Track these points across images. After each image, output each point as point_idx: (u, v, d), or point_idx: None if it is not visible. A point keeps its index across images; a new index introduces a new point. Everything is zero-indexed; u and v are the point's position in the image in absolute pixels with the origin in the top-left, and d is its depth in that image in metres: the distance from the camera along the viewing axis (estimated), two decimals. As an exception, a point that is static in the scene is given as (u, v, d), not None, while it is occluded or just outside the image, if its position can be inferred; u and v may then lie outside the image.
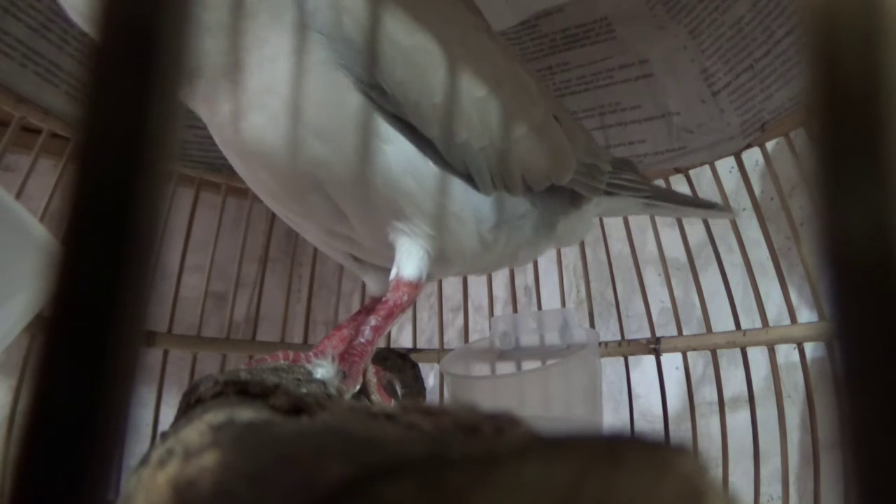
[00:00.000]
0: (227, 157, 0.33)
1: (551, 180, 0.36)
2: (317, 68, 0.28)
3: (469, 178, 0.33)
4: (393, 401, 0.34)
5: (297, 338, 0.69)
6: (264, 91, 0.28)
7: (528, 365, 0.56)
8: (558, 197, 0.39)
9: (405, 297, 0.32)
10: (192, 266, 0.57)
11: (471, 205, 0.33)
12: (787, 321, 0.46)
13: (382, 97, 0.29)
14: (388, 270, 0.33)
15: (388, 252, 0.33)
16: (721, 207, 0.49)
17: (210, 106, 0.30)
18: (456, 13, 0.34)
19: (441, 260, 0.34)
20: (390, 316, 0.32)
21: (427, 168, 0.31)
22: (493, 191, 0.34)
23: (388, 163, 0.30)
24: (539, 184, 0.36)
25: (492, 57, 0.34)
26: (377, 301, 0.33)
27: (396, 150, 0.30)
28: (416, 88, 0.29)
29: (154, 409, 0.53)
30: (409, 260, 0.32)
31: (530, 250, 0.40)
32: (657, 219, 0.55)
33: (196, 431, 0.17)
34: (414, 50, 0.29)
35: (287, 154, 0.30)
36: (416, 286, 0.32)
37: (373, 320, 0.32)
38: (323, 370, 0.28)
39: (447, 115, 0.31)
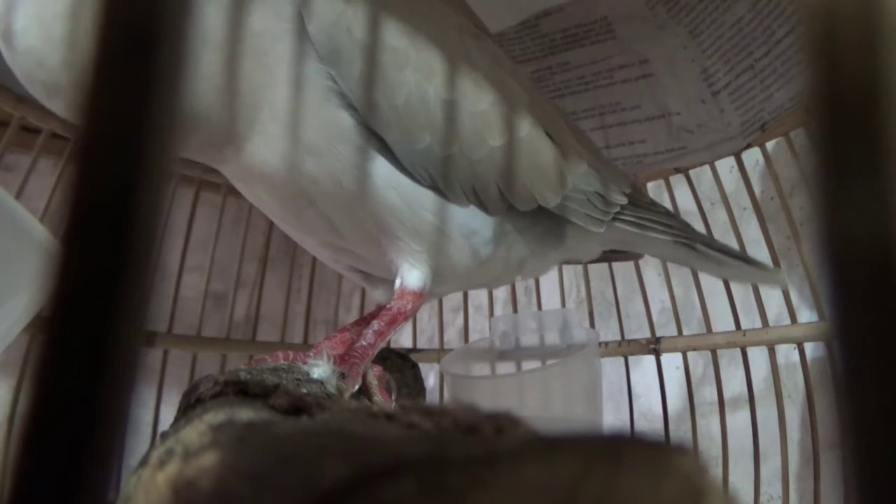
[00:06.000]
0: (228, 176, 0.34)
1: (537, 201, 0.34)
2: (309, 83, 0.28)
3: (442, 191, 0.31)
4: (393, 402, 0.34)
5: (297, 338, 0.69)
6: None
7: (528, 365, 0.56)
8: (557, 219, 0.36)
9: (409, 306, 0.32)
10: (192, 266, 0.58)
11: (457, 220, 0.32)
12: (787, 321, 0.46)
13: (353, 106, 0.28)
14: (393, 281, 0.33)
15: (389, 264, 0.33)
16: (768, 268, 0.44)
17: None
18: (437, 13, 0.32)
19: (435, 276, 0.33)
20: (393, 322, 0.32)
21: (410, 184, 0.30)
22: (466, 203, 0.32)
23: (372, 178, 0.30)
24: (522, 202, 0.33)
25: (471, 62, 0.32)
26: (382, 308, 0.33)
27: (380, 166, 0.30)
28: (375, 88, 0.28)
29: (154, 409, 0.53)
30: (412, 270, 0.32)
31: (538, 262, 0.38)
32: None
33: (196, 431, 0.17)
34: (374, 47, 0.28)
35: (284, 173, 0.30)
36: (420, 295, 0.32)
37: (376, 325, 0.32)
38: (319, 370, 0.28)
39: (409, 117, 0.29)
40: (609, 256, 0.50)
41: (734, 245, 0.50)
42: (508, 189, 0.33)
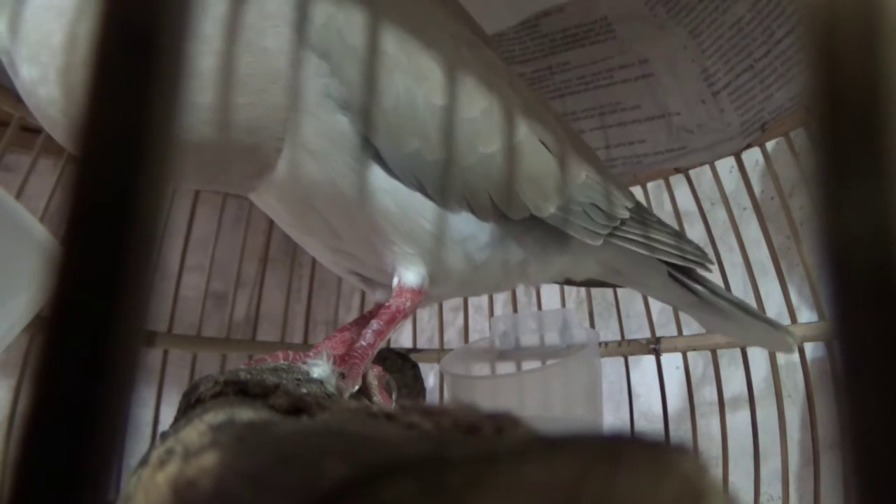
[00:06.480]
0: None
1: (529, 210, 0.33)
2: (308, 85, 0.28)
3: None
4: (393, 402, 0.34)
5: (297, 338, 0.69)
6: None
7: (528, 365, 0.56)
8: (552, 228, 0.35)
9: (408, 303, 0.32)
10: (192, 266, 0.58)
11: (452, 225, 0.32)
12: (787, 321, 0.46)
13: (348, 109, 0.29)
14: (391, 285, 0.33)
15: (385, 267, 0.33)
16: (779, 326, 0.41)
17: None
18: (432, 20, 0.32)
19: (430, 279, 0.33)
20: (393, 321, 0.32)
21: (404, 189, 0.30)
22: (457, 209, 0.32)
23: (367, 183, 0.30)
24: (514, 211, 0.33)
25: (465, 69, 0.31)
26: (381, 306, 0.33)
27: (375, 170, 0.30)
28: (364, 92, 0.28)
29: (154, 409, 0.53)
30: (409, 269, 0.32)
31: (542, 267, 0.37)
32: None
33: (196, 431, 0.17)
34: (364, 50, 0.28)
35: (289, 177, 0.30)
36: (418, 292, 0.32)
37: (375, 324, 0.32)
38: (319, 369, 0.28)
39: (397, 121, 0.29)
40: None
41: (734, 246, 0.50)
42: (499, 197, 0.32)
